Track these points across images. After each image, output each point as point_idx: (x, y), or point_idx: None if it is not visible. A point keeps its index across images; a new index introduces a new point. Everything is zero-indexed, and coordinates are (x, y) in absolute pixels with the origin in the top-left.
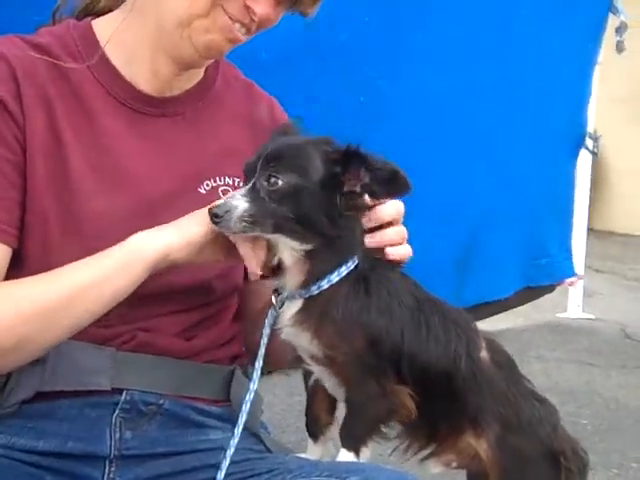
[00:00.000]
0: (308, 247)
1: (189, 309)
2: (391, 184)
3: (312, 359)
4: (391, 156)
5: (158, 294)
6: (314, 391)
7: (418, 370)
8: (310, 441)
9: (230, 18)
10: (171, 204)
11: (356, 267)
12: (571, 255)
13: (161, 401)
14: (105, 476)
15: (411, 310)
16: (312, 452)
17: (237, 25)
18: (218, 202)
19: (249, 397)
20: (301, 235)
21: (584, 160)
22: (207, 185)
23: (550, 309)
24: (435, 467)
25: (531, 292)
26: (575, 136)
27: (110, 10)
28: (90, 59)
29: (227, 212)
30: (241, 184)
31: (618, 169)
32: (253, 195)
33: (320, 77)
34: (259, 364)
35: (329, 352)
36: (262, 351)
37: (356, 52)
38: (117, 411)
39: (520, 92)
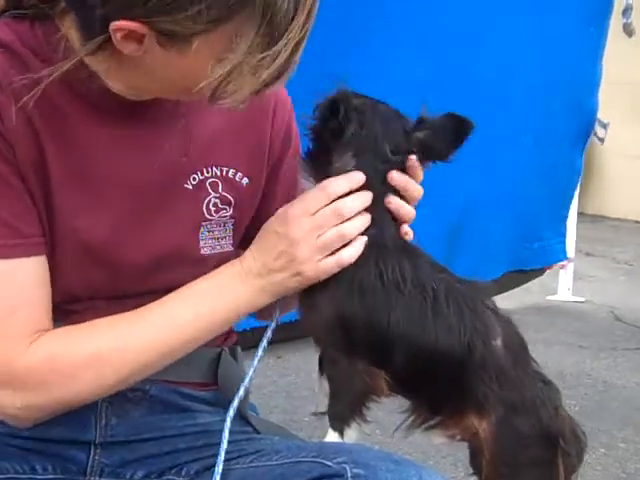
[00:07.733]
0: None
1: None
2: None
3: None
4: None
5: (154, 291)
6: None
7: (414, 354)
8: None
9: None
10: (158, 206)
11: None
12: (564, 239)
13: (147, 387)
14: (90, 458)
15: (411, 291)
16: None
17: None
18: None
19: (246, 382)
20: None
21: None
22: (194, 179)
23: (540, 292)
24: (439, 439)
25: (522, 275)
26: (582, 123)
27: None
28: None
29: None
30: (231, 172)
31: (610, 153)
32: None
33: None
34: (261, 352)
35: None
36: (264, 345)
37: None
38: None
39: (519, 76)
